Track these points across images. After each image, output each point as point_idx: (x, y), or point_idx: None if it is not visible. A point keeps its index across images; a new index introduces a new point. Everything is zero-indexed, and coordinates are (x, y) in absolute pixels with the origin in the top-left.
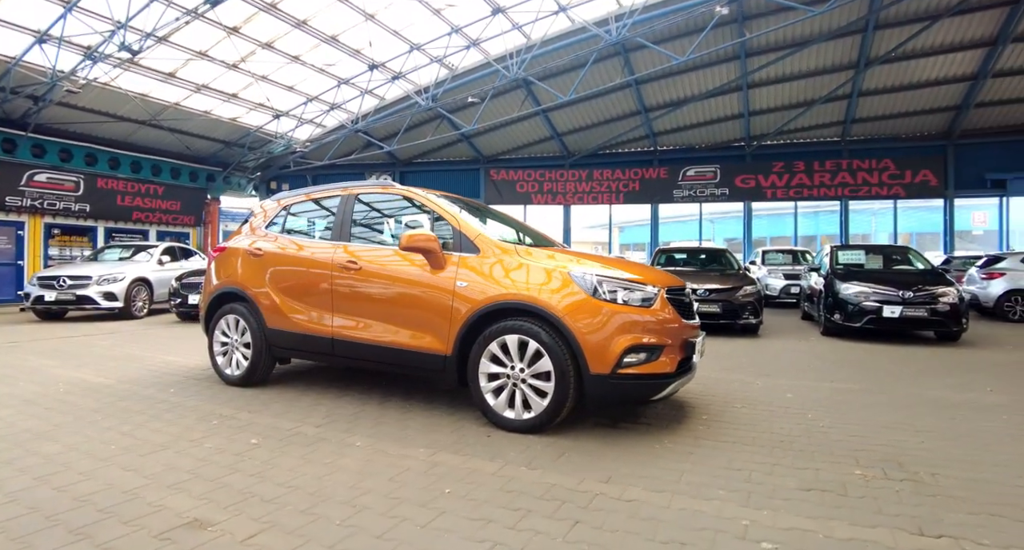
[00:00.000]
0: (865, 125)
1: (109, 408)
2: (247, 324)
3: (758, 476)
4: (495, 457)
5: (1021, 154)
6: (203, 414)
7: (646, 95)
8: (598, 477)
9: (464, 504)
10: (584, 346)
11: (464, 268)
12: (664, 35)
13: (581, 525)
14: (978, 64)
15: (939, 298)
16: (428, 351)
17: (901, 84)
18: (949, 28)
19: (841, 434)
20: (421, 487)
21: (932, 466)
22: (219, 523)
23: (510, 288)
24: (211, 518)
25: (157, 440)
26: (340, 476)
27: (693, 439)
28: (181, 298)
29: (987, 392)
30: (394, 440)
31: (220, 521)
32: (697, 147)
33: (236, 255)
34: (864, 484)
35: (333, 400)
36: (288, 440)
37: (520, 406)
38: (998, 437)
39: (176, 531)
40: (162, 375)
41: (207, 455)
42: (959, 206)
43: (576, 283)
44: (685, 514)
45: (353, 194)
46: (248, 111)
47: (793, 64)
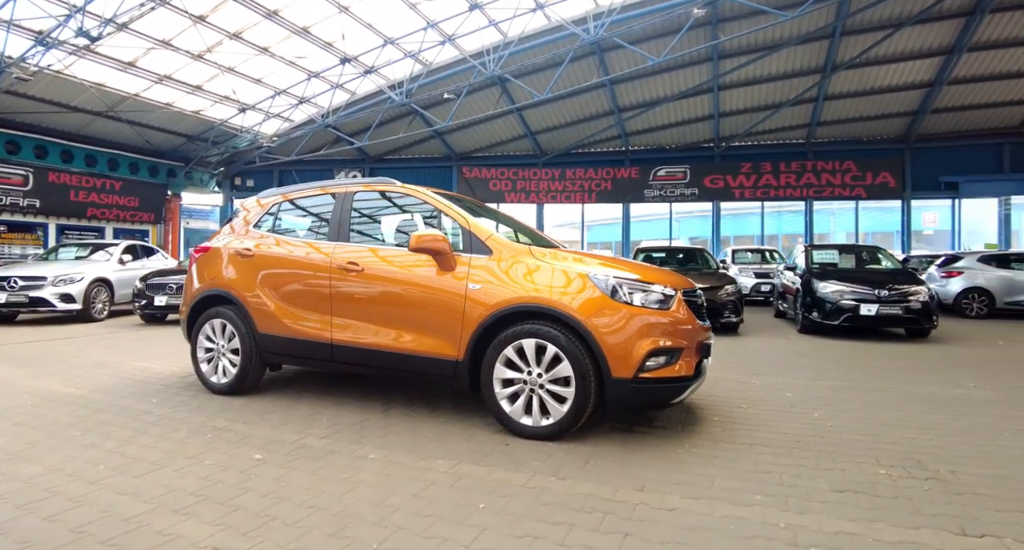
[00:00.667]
0: (829, 128)
1: (87, 422)
2: (235, 329)
3: (788, 479)
4: (520, 467)
5: (972, 158)
6: (194, 427)
7: (620, 95)
8: (631, 485)
9: (503, 520)
10: (606, 350)
11: (476, 270)
12: (640, 36)
13: (631, 538)
14: (935, 72)
15: (912, 296)
16: (438, 356)
17: (864, 89)
18: (910, 36)
19: (852, 433)
20: (452, 502)
21: (949, 463)
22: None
23: (528, 291)
24: (233, 547)
25: (150, 458)
26: (362, 493)
27: (712, 442)
28: (146, 299)
29: (972, 387)
30: (408, 451)
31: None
32: (668, 147)
33: (222, 255)
34: (892, 484)
35: (332, 409)
36: (295, 454)
37: (538, 412)
38: (998, 432)
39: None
40: (138, 383)
41: (210, 473)
42: (911, 207)
43: (596, 286)
44: (730, 522)
45: (351, 192)
46: (213, 104)
47: (763, 67)
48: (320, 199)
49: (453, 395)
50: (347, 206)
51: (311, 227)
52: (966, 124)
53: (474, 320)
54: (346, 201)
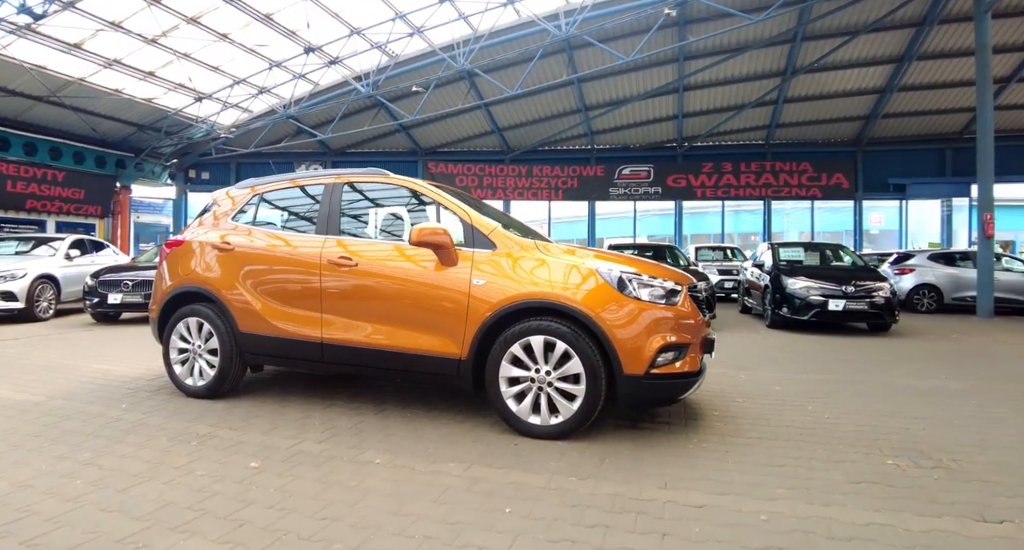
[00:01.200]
0: (788, 130)
1: (52, 431)
2: (213, 328)
3: (803, 471)
4: (535, 468)
5: (918, 162)
6: (175, 433)
7: (587, 93)
8: (654, 483)
9: (535, 525)
10: (618, 346)
11: (480, 265)
12: (610, 34)
13: (671, 538)
14: (886, 78)
15: (876, 292)
16: (439, 355)
17: (821, 93)
18: (865, 44)
19: (850, 425)
20: (475, 508)
21: (949, 452)
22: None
23: (536, 286)
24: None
25: (132, 469)
26: (375, 501)
27: (719, 437)
28: (99, 297)
29: (944, 379)
30: (414, 455)
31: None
32: (632, 147)
33: (197, 250)
34: (902, 474)
35: (323, 411)
36: (293, 461)
37: (546, 411)
38: (983, 421)
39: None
40: (102, 387)
41: (204, 485)
42: (847, 207)
43: (606, 281)
44: (762, 516)
45: (341, 182)
46: (166, 92)
47: (727, 69)
48: (306, 190)
49: (448, 394)
50: (336, 198)
51: (296, 220)
52: (913, 129)
53: (478, 317)
54: (335, 193)
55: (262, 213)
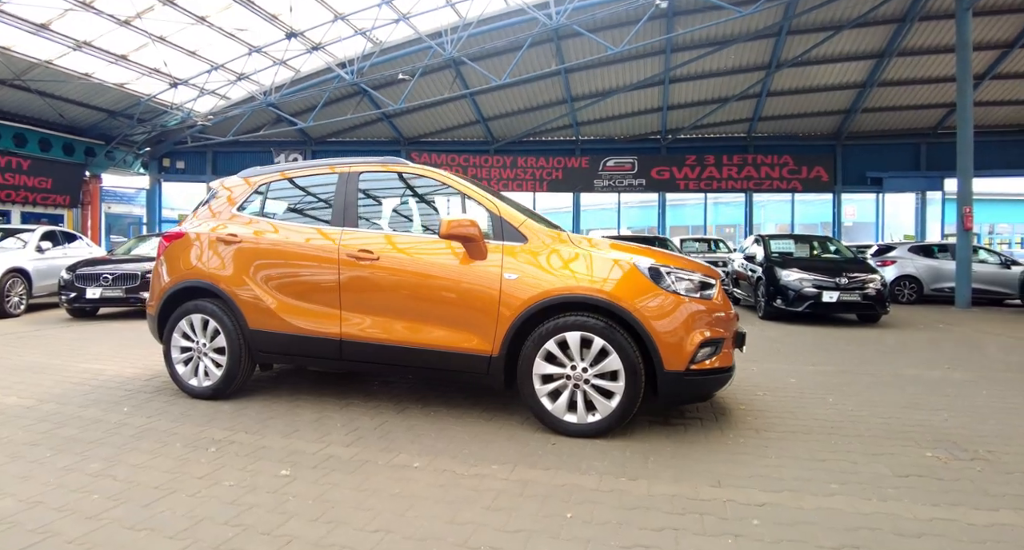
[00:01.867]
0: (769, 123)
1: (51, 440)
2: (220, 325)
3: (847, 466)
4: (582, 468)
5: (895, 156)
6: (188, 439)
7: (573, 84)
8: (707, 481)
9: (602, 530)
10: (659, 342)
11: (511, 258)
12: (599, 24)
13: (743, 539)
14: (867, 73)
15: (868, 284)
16: (468, 352)
17: (803, 87)
18: (848, 38)
19: (875, 417)
20: (533, 514)
21: (981, 444)
22: None
23: (573, 280)
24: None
25: (151, 481)
26: (425, 510)
27: (754, 432)
28: (76, 292)
29: (947, 369)
30: (451, 457)
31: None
32: (617, 138)
33: (200, 242)
34: (945, 467)
35: (341, 412)
36: (324, 467)
37: (583, 409)
38: (1000, 411)
39: None
40: (96, 389)
41: (236, 497)
42: (825, 200)
43: (645, 275)
44: (825, 514)
45: (355, 172)
46: (139, 77)
47: (713, 62)
48: (318, 179)
49: (468, 391)
50: (352, 187)
51: (308, 211)
52: (891, 124)
53: (511, 312)
54: (350, 182)
55: (270, 204)
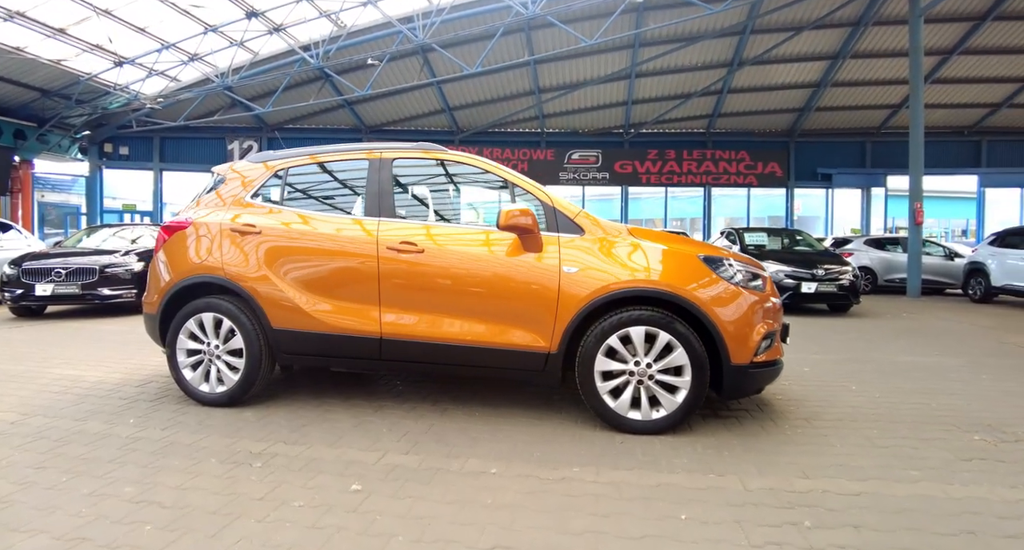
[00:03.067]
0: (728, 119)
1: (61, 461)
2: (236, 325)
3: (910, 451)
4: (666, 466)
5: (843, 153)
6: (223, 454)
7: (542, 76)
8: (794, 474)
9: (724, 530)
10: (727, 336)
11: (569, 251)
12: (573, 16)
13: (864, 530)
14: (821, 73)
15: (843, 275)
16: (525, 349)
17: (761, 85)
18: (806, 39)
19: (902, 403)
20: (648, 518)
21: (1012, 426)
22: None
23: (636, 274)
24: None
25: (204, 505)
26: (532, 520)
27: (804, 421)
28: (23, 288)
29: (937, 356)
30: (524, 461)
31: None
32: (581, 131)
33: (211, 234)
34: (998, 449)
35: (378, 415)
36: (395, 478)
37: (647, 405)
38: (1007, 394)
39: None
40: (85, 399)
41: (315, 520)
42: (776, 195)
43: (709, 268)
44: (921, 500)
45: (388, 158)
46: (80, 53)
47: (679, 58)
48: (345, 165)
49: (501, 389)
50: (386, 175)
51: (334, 199)
52: (840, 122)
53: (571, 307)
54: (383, 169)
55: (290, 191)
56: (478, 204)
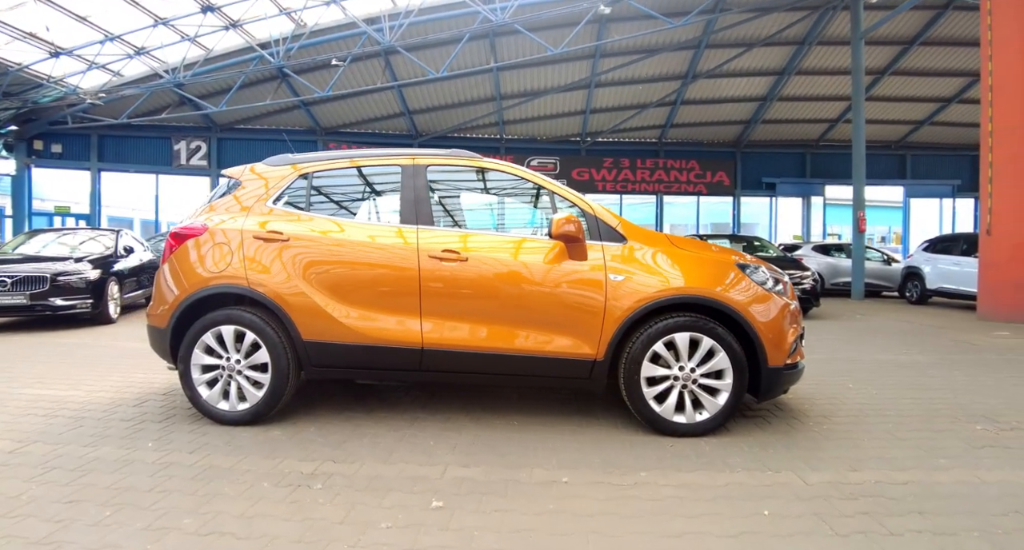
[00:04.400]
0: (680, 130)
1: (91, 492)
2: (261, 337)
3: (928, 442)
4: (723, 466)
5: (786, 163)
6: (272, 476)
7: (504, 82)
8: (844, 467)
9: (808, 523)
10: (765, 340)
11: (614, 259)
12: (538, 24)
13: (930, 515)
14: (768, 88)
15: (804, 280)
16: (572, 356)
17: (712, 97)
18: (756, 56)
19: (899, 398)
20: (735, 516)
21: (1004, 415)
22: None
23: (681, 282)
24: None
25: (282, 533)
26: (631, 526)
27: (823, 418)
28: None
29: (908, 354)
30: (588, 467)
31: None
32: (540, 139)
33: (230, 241)
34: (999, 436)
35: (412, 426)
36: (469, 492)
37: (691, 409)
38: (985, 387)
39: None
40: (80, 421)
41: (412, 542)
42: (719, 202)
43: (747, 275)
44: (963, 486)
45: (421, 165)
46: (10, 41)
47: (637, 70)
48: (376, 171)
49: (529, 397)
50: (421, 182)
51: (365, 205)
52: (783, 135)
53: (618, 315)
54: (418, 176)
55: (317, 196)
56: (516, 212)
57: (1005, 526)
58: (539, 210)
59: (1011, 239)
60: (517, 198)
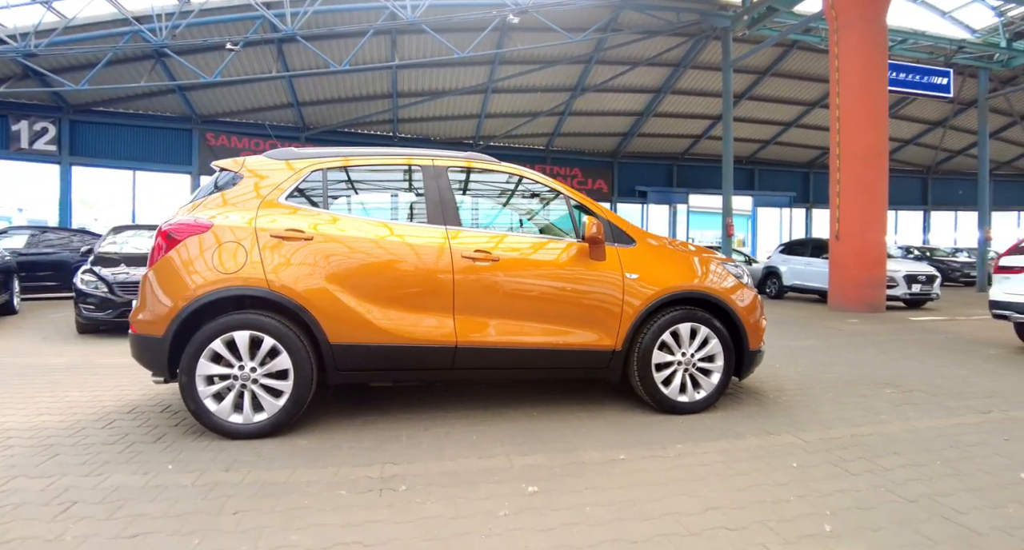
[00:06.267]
0: (565, 139)
1: (142, 523)
2: (283, 342)
3: (865, 403)
4: (735, 435)
5: (656, 174)
6: (341, 485)
7: (402, 80)
8: (820, 427)
9: (830, 469)
10: (747, 327)
11: (629, 259)
12: (447, 26)
13: (902, 454)
14: (645, 104)
15: None
16: (595, 348)
17: (597, 110)
18: (638, 74)
19: (825, 373)
20: (772, 470)
21: (899, 382)
22: None
23: (684, 279)
24: None
25: (406, 534)
26: (709, 486)
27: (778, 391)
28: None
29: (798, 340)
30: (633, 445)
31: None
32: (433, 139)
33: (241, 239)
34: (907, 397)
35: (442, 424)
36: (548, 476)
37: (691, 389)
38: (870, 363)
39: None
40: (50, 450)
41: (537, 521)
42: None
43: (730, 272)
44: (912, 433)
45: (441, 167)
46: None
47: (533, 79)
48: (395, 170)
49: (535, 387)
50: (444, 183)
51: (385, 205)
52: (655, 147)
53: (634, 309)
54: (440, 178)
55: (333, 194)
56: (530, 214)
57: (951, 456)
58: (554, 213)
59: (855, 244)
60: (533, 201)
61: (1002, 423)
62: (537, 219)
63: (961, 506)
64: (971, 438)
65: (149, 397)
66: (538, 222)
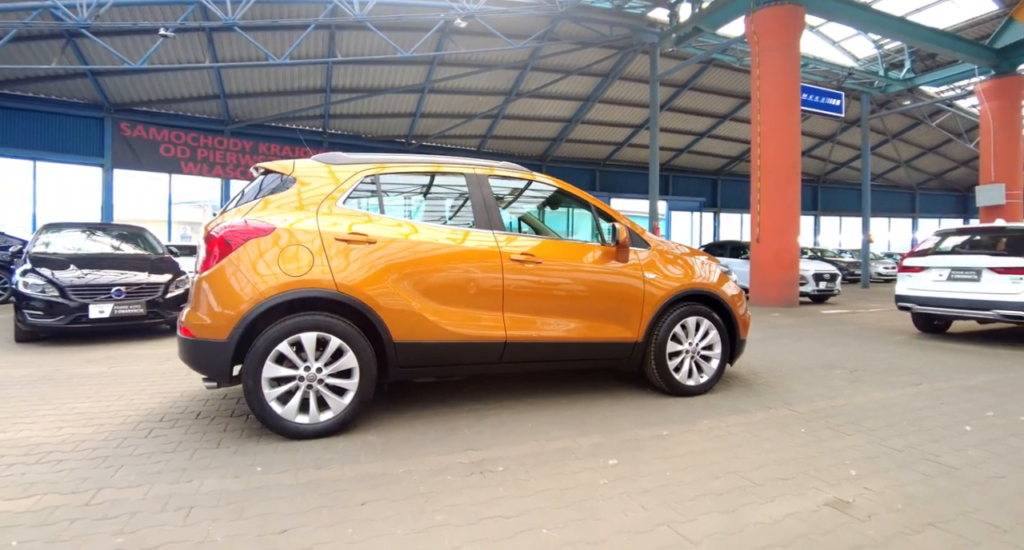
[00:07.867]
0: (497, 141)
1: (274, 521)
2: (348, 342)
3: (826, 381)
4: (741, 410)
5: (580, 178)
6: (443, 472)
7: (336, 76)
8: (805, 401)
9: (832, 433)
10: (739, 319)
11: (647, 262)
12: (389, 25)
13: (878, 419)
14: (574, 111)
15: None
16: (622, 340)
17: (529, 115)
18: (570, 82)
19: (786, 360)
20: (790, 435)
21: (843, 364)
22: None
23: (691, 278)
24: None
25: (539, 505)
26: (747, 452)
27: (754, 374)
28: None
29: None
30: (663, 423)
31: None
32: (365, 136)
33: (307, 242)
34: (856, 375)
35: (493, 415)
36: (616, 451)
37: (696, 373)
38: (811, 350)
39: None
40: (104, 461)
41: (638, 486)
42: None
43: (723, 271)
44: (877, 402)
45: (482, 175)
46: None
47: (470, 81)
48: (442, 177)
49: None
50: (487, 191)
51: (433, 211)
52: (580, 153)
53: (653, 304)
54: (483, 185)
55: (387, 199)
56: (558, 220)
57: (911, 418)
58: (580, 219)
59: (773, 247)
60: (562, 209)
61: (933, 393)
62: (565, 224)
63: (935, 451)
64: (917, 404)
65: (167, 404)
66: (564, 226)
